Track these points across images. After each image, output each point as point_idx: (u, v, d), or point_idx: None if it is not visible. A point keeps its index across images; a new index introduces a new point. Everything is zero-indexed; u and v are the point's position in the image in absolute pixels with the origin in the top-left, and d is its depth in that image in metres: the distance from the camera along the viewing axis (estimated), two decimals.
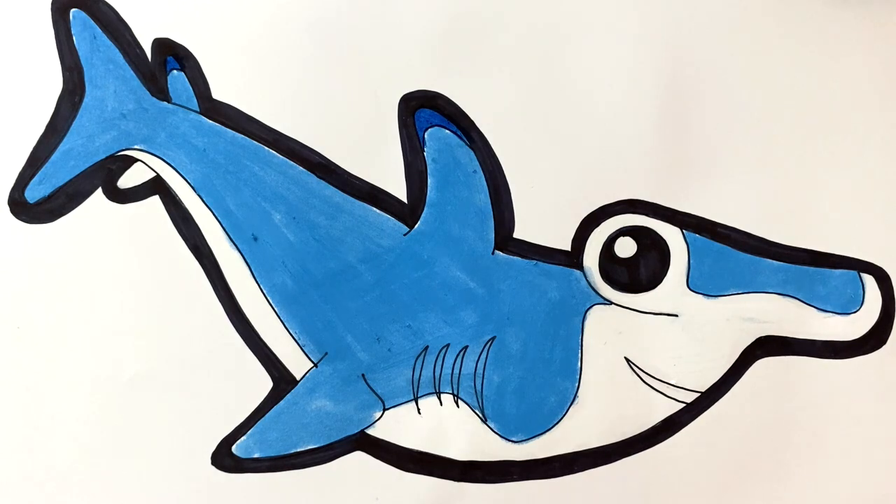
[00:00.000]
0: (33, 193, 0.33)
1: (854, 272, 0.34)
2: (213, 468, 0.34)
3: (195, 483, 0.34)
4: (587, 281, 0.35)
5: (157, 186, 0.34)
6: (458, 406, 0.35)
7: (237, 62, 0.33)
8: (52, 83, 0.33)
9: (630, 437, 0.35)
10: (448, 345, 0.35)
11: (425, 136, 0.34)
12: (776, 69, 0.34)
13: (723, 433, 0.35)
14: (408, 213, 0.34)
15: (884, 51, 0.34)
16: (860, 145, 0.35)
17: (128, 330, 0.34)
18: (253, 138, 0.34)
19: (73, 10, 0.33)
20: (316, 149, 0.34)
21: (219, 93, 0.34)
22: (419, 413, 0.35)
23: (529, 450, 0.35)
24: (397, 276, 0.34)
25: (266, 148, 0.34)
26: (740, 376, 0.35)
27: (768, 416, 0.35)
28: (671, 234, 0.34)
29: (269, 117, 0.34)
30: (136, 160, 0.34)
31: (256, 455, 0.34)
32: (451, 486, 0.35)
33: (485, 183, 0.34)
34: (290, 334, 0.34)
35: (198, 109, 0.34)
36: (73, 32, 0.33)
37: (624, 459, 0.35)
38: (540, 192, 0.34)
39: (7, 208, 0.33)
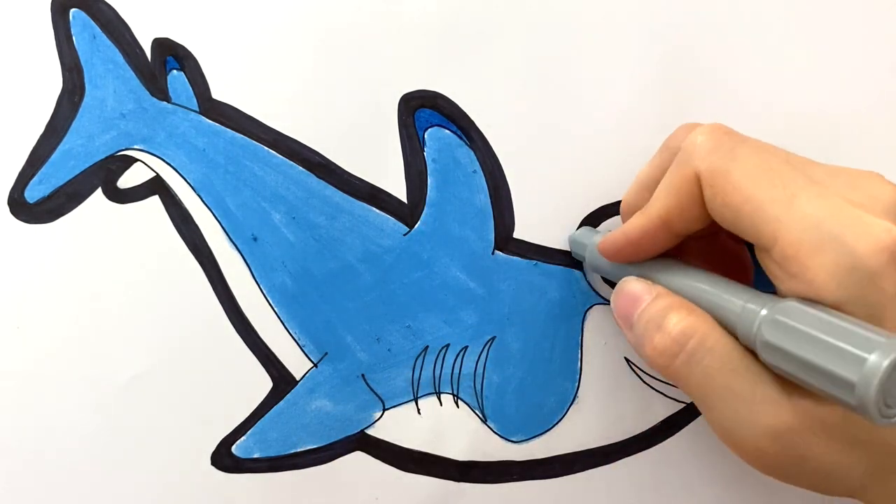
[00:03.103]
0: (33, 193, 0.33)
1: None
2: (213, 468, 0.34)
3: (195, 483, 0.34)
4: (587, 281, 0.35)
5: (156, 186, 0.34)
6: (458, 406, 0.35)
7: (237, 62, 0.33)
8: (52, 83, 0.33)
9: (630, 437, 0.35)
10: (448, 345, 0.35)
11: (425, 136, 0.34)
12: (776, 68, 0.34)
13: None
14: (408, 213, 0.34)
15: (886, 50, 0.34)
16: (861, 145, 0.34)
17: (127, 330, 0.34)
18: (253, 138, 0.34)
19: (72, 9, 0.33)
20: (316, 149, 0.34)
21: (218, 93, 0.34)
22: (419, 413, 0.35)
23: (529, 450, 0.35)
24: (397, 277, 0.34)
25: (266, 148, 0.34)
26: None
27: None
28: None
29: (269, 117, 0.34)
30: (136, 160, 0.34)
31: (256, 455, 0.34)
32: (451, 486, 0.35)
33: (485, 183, 0.34)
34: (290, 334, 0.34)
35: (197, 109, 0.34)
36: (72, 32, 0.33)
37: (624, 459, 0.35)
38: (540, 192, 0.34)
39: (7, 208, 0.33)
